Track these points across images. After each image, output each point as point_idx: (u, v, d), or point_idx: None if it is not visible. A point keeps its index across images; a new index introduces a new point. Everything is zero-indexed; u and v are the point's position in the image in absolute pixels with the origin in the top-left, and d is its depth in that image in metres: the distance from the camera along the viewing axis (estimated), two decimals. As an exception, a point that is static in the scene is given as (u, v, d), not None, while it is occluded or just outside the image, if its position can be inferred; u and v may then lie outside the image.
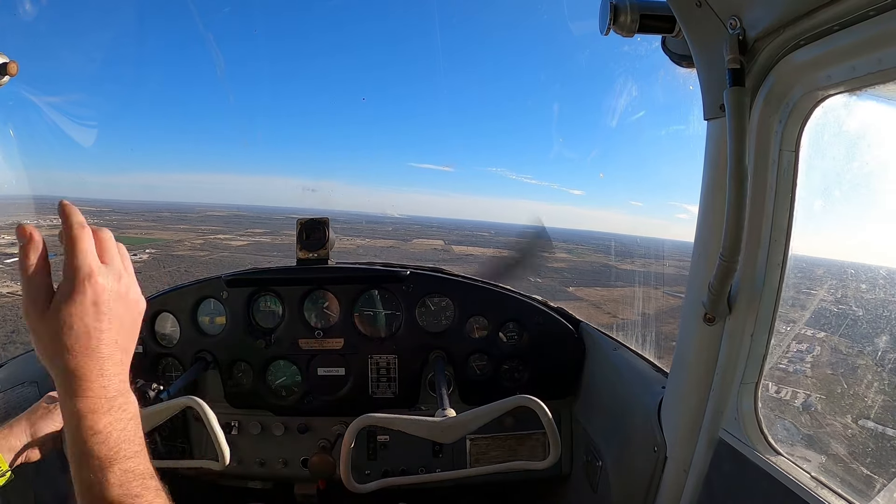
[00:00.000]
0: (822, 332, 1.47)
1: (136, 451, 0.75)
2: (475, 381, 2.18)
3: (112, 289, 0.75)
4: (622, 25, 1.22)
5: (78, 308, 0.71)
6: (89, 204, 36.57)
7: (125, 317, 0.77)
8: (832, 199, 1.32)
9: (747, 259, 1.20)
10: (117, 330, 0.75)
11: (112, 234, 0.79)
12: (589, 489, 1.95)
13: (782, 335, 1.34)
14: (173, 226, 33.81)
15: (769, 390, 1.37)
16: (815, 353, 1.48)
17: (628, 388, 1.77)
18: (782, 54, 1.06)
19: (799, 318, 1.40)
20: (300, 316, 2.18)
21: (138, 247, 26.67)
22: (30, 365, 1.89)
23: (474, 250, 28.98)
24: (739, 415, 1.27)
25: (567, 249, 25.90)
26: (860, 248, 1.34)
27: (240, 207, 35.32)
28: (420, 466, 2.20)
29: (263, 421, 2.22)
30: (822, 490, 1.04)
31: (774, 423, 1.30)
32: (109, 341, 0.74)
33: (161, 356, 2.22)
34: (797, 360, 1.50)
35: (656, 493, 1.50)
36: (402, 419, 1.44)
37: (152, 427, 1.48)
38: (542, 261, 3.33)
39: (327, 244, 2.14)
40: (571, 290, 17.20)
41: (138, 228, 33.01)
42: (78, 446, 0.71)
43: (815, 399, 1.42)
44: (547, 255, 3.34)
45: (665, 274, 2.23)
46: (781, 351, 1.38)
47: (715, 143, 1.22)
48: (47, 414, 1.30)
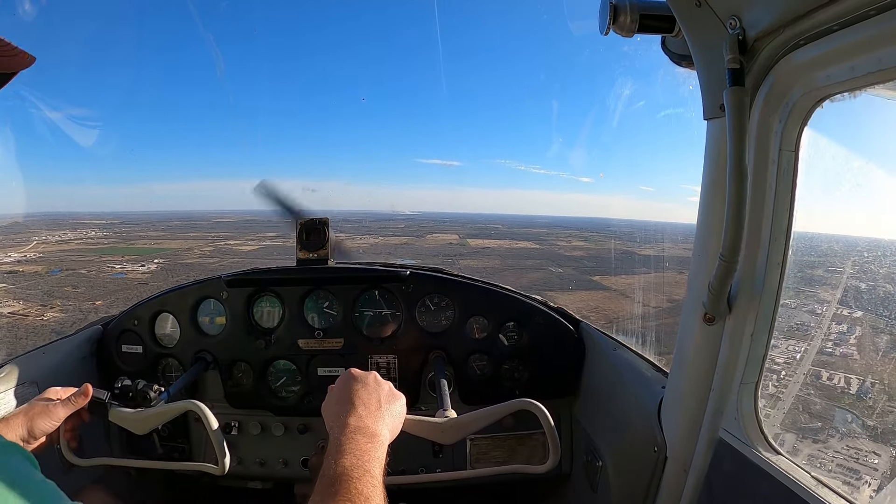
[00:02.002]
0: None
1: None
2: (475, 381, 2.18)
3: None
4: (622, 25, 1.22)
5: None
6: (99, 217, 36.52)
7: None
8: (832, 199, 1.32)
9: (747, 259, 1.20)
10: None
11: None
12: (589, 489, 1.95)
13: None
14: (183, 234, 33.74)
15: (821, 377, 1.37)
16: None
17: (628, 388, 1.77)
18: (782, 54, 1.06)
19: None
20: (300, 316, 2.18)
21: (146, 257, 26.57)
22: (30, 365, 1.89)
23: (490, 243, 28.97)
24: (739, 414, 1.27)
25: (582, 237, 25.81)
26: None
27: (251, 212, 35.44)
28: (420, 466, 2.20)
29: (263, 421, 2.22)
30: (822, 489, 1.04)
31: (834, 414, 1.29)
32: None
33: (161, 356, 2.22)
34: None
35: (656, 492, 1.50)
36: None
37: (152, 428, 1.48)
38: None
39: (327, 244, 2.14)
40: (597, 278, 17.03)
41: (148, 239, 32.92)
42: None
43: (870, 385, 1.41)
44: (563, 244, 3.29)
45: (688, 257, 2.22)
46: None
47: (715, 143, 1.22)
48: (45, 411, 1.28)
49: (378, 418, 1.08)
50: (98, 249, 27.43)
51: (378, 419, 1.07)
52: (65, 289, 15.18)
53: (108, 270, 23.60)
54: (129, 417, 1.45)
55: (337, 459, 0.90)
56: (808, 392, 1.64)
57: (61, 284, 10.92)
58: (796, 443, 1.57)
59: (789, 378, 1.69)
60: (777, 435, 1.52)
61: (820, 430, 1.57)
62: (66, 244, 23.17)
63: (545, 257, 25.27)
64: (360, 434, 0.98)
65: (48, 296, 17.95)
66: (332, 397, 1.15)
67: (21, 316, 5.97)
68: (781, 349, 1.76)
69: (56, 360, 2.03)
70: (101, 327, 2.28)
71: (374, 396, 1.13)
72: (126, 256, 26.69)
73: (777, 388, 1.70)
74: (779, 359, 1.75)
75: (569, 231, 30.57)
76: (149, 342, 2.21)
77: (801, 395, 1.65)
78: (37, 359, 1.96)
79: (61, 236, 24.10)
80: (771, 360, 1.59)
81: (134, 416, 1.45)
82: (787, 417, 1.59)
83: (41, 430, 1.27)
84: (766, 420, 1.26)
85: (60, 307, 16.99)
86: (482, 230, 37.74)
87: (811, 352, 1.69)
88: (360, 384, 1.14)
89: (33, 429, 1.25)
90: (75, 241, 27.70)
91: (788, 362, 1.73)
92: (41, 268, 21.28)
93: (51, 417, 1.29)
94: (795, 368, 1.69)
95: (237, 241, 33.74)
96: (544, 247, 27.80)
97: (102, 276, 21.51)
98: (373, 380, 1.18)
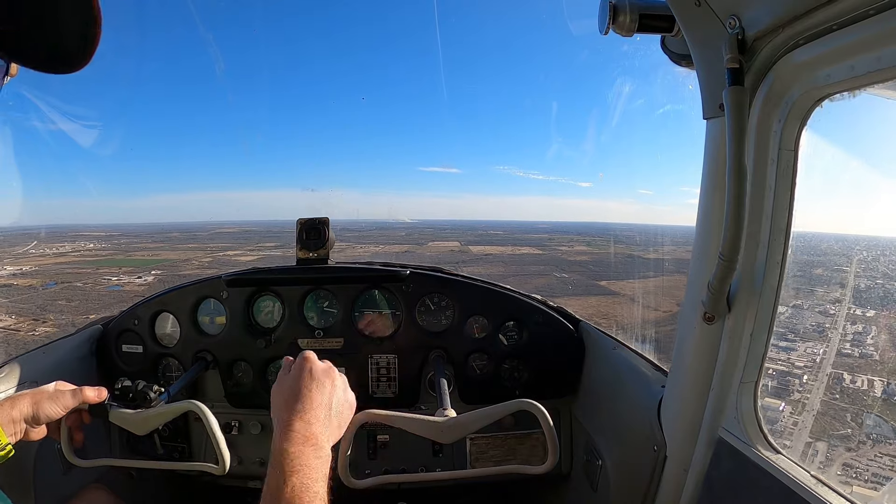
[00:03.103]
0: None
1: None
2: (475, 380, 2.18)
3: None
4: (621, 25, 1.22)
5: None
6: (98, 229, 36.32)
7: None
8: (831, 199, 1.32)
9: (747, 258, 1.20)
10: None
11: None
12: (589, 488, 1.95)
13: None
14: (182, 245, 33.57)
15: (843, 380, 1.36)
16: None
17: (628, 387, 1.77)
18: (781, 53, 1.06)
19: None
20: (300, 316, 2.18)
21: (143, 269, 26.36)
22: (30, 364, 1.89)
23: (493, 249, 28.87)
24: (739, 413, 1.27)
25: (584, 242, 25.72)
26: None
27: (250, 223, 35.18)
28: (420, 466, 2.20)
29: (263, 421, 2.23)
30: (822, 488, 1.04)
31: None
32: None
33: (161, 356, 2.22)
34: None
35: (656, 491, 1.50)
36: (401, 417, 1.44)
37: (152, 429, 1.48)
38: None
39: (327, 244, 2.14)
40: (604, 283, 16.82)
41: (147, 250, 32.73)
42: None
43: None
44: (565, 249, 3.32)
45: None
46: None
47: (714, 143, 1.22)
48: (52, 397, 1.28)
49: (326, 426, 1.05)
50: (95, 261, 27.18)
51: (326, 427, 1.04)
52: (59, 302, 15.16)
53: (104, 283, 23.34)
54: (130, 418, 1.45)
55: (285, 477, 0.89)
56: (832, 396, 1.62)
57: (55, 298, 10.76)
58: (828, 452, 1.53)
59: (812, 383, 1.67)
60: (808, 444, 1.51)
61: (850, 438, 1.53)
62: (64, 256, 23.07)
63: (549, 263, 25.16)
64: (308, 446, 0.96)
65: (41, 309, 17.68)
66: (285, 386, 1.10)
67: (13, 330, 5.91)
68: (800, 352, 1.74)
69: (56, 359, 2.03)
70: (101, 327, 2.28)
71: (325, 400, 1.08)
72: (123, 268, 26.43)
73: (801, 394, 1.67)
74: (798, 362, 1.74)
75: (570, 236, 30.55)
76: (149, 342, 2.21)
77: (826, 399, 1.62)
78: (37, 358, 1.96)
79: (59, 248, 24.02)
80: (790, 364, 1.58)
81: (134, 416, 1.45)
82: (815, 425, 1.57)
83: (46, 415, 1.26)
84: (795, 430, 1.26)
85: (53, 321, 16.76)
86: (483, 237, 37.62)
87: (830, 354, 1.67)
88: (315, 383, 1.09)
89: (38, 412, 1.25)
90: (73, 252, 27.46)
91: (809, 366, 1.70)
92: (36, 281, 21.01)
93: (58, 403, 1.28)
94: (816, 372, 1.67)
95: (236, 252, 33.63)
96: (547, 252, 27.72)
97: (98, 289, 21.30)
98: (329, 381, 1.13)
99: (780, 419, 1.66)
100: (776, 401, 1.70)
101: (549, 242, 29.90)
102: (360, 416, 1.46)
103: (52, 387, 1.33)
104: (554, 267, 23.89)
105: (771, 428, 1.22)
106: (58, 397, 1.29)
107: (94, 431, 2.00)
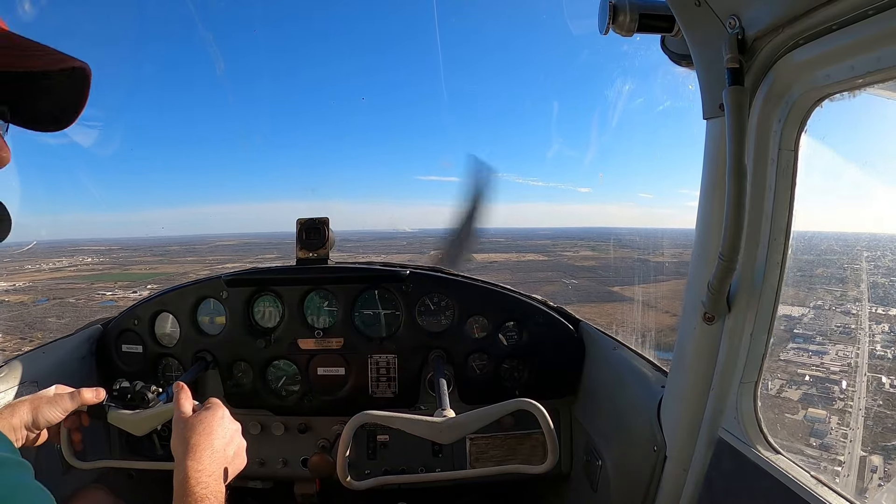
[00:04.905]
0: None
1: None
2: (475, 380, 2.18)
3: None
4: (621, 25, 1.22)
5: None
6: (98, 243, 36.23)
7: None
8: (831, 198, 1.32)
9: (747, 258, 1.20)
10: None
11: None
12: (589, 488, 1.95)
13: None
14: (181, 258, 33.37)
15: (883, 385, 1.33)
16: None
17: (628, 388, 1.77)
18: (781, 53, 1.06)
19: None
20: (300, 316, 2.18)
21: (139, 283, 26.13)
22: (30, 364, 1.89)
23: (497, 257, 28.73)
24: (739, 414, 1.27)
25: (589, 247, 25.50)
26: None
27: (250, 235, 35.06)
28: (420, 466, 2.20)
29: (263, 421, 2.22)
30: (822, 489, 1.04)
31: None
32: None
33: (161, 356, 2.22)
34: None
35: (656, 492, 1.50)
36: (400, 417, 1.44)
37: (151, 429, 1.48)
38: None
39: (327, 244, 2.14)
40: (616, 289, 16.48)
41: (145, 264, 32.49)
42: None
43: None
44: (570, 254, 3.33)
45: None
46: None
47: (714, 143, 1.22)
48: (52, 401, 1.28)
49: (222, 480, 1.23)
50: (91, 276, 26.95)
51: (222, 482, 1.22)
52: (48, 319, 14.96)
53: (97, 298, 23.04)
54: (128, 419, 1.45)
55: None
56: (876, 402, 1.57)
57: (45, 315, 10.51)
58: (886, 466, 1.45)
59: (852, 389, 1.61)
60: (863, 459, 1.46)
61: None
62: (60, 272, 22.78)
63: (556, 269, 24.91)
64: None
65: (29, 327, 17.31)
66: (187, 435, 1.25)
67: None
68: (832, 355, 1.71)
69: (56, 359, 2.03)
70: (101, 327, 2.28)
71: (219, 460, 1.25)
72: (118, 283, 26.18)
73: (843, 402, 1.62)
74: (833, 366, 1.70)
75: (574, 241, 30.34)
76: (149, 342, 2.21)
77: (870, 405, 1.55)
78: (37, 358, 1.96)
79: (55, 264, 23.73)
80: (825, 370, 1.54)
81: (132, 417, 1.45)
82: (866, 436, 1.51)
83: (46, 420, 1.26)
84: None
85: (41, 340, 16.36)
86: (486, 244, 37.33)
87: (863, 356, 1.61)
88: (206, 443, 1.24)
89: (38, 417, 1.24)
90: (69, 268, 27.25)
91: (844, 370, 1.66)
92: (28, 297, 20.73)
93: (57, 407, 1.28)
94: (854, 377, 1.61)
95: (235, 265, 33.40)
96: (553, 258, 27.49)
97: (91, 305, 21.03)
98: (221, 443, 1.28)
99: (828, 432, 1.60)
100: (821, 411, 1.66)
101: (553, 248, 29.75)
102: (358, 417, 1.46)
103: (51, 391, 1.32)
104: (562, 273, 23.63)
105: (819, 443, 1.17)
106: (57, 401, 1.29)
107: (94, 432, 2.00)
